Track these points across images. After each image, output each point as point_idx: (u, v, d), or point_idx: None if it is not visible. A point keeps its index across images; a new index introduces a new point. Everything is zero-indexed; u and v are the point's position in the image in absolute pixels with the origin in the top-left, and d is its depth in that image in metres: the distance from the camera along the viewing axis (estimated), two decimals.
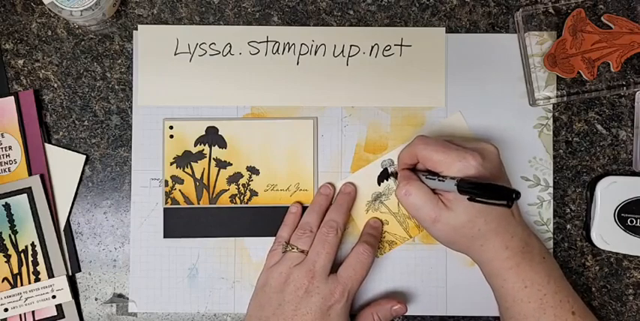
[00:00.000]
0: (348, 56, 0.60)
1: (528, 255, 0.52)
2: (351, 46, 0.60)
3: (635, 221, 0.58)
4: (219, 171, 0.60)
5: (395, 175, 0.60)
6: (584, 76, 0.59)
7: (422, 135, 0.54)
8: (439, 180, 0.52)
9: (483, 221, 0.51)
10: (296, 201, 0.59)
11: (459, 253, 0.54)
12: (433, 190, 0.53)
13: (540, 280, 0.52)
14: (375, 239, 0.58)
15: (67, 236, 0.59)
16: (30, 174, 0.58)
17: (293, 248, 0.55)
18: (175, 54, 0.60)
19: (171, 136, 0.60)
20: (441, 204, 0.52)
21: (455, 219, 0.51)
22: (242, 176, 0.60)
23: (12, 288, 0.57)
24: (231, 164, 0.60)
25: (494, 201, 0.47)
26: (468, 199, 0.49)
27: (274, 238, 0.58)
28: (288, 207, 0.59)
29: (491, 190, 0.47)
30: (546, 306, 0.52)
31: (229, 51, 0.60)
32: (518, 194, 0.46)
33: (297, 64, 0.60)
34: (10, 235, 0.57)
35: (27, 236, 0.57)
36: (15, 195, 0.57)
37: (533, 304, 0.52)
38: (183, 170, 0.59)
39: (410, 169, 0.56)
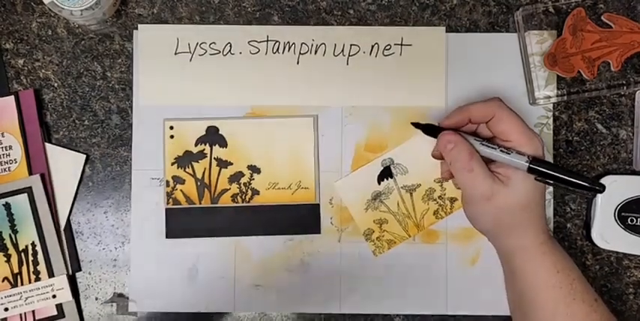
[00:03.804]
0: (348, 56, 0.60)
1: (554, 240, 0.52)
2: (351, 45, 0.60)
3: (635, 220, 0.58)
4: (220, 170, 0.60)
5: (428, 130, 0.54)
6: (584, 75, 0.59)
7: (499, 97, 0.52)
8: (501, 151, 0.49)
9: (535, 204, 0.50)
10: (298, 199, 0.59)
11: (458, 252, 0.54)
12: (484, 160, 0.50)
13: (568, 265, 0.51)
14: None
15: (67, 236, 0.59)
16: (30, 173, 0.58)
17: None
18: (175, 53, 0.60)
19: (172, 137, 0.60)
20: (498, 181, 0.50)
21: (512, 197, 0.49)
22: (243, 175, 0.60)
23: (12, 287, 0.57)
24: (232, 163, 0.60)
25: (573, 188, 0.48)
26: (536, 179, 0.48)
27: (275, 237, 0.59)
28: (289, 205, 0.59)
29: (572, 177, 0.48)
30: (575, 291, 0.51)
31: (229, 50, 0.60)
32: (603, 188, 0.47)
33: (298, 63, 0.60)
34: (10, 235, 0.57)
35: (27, 236, 0.57)
36: (15, 195, 0.57)
37: (565, 290, 0.51)
38: (185, 170, 0.59)
39: (453, 129, 0.52)
